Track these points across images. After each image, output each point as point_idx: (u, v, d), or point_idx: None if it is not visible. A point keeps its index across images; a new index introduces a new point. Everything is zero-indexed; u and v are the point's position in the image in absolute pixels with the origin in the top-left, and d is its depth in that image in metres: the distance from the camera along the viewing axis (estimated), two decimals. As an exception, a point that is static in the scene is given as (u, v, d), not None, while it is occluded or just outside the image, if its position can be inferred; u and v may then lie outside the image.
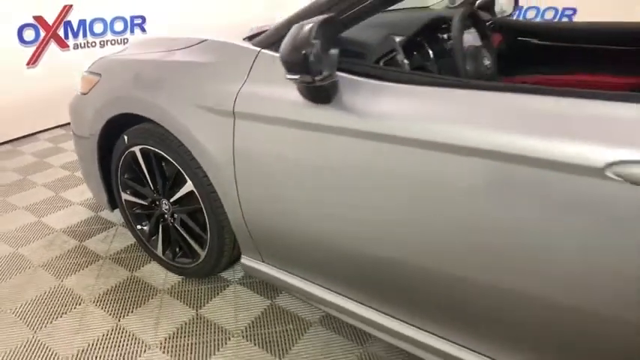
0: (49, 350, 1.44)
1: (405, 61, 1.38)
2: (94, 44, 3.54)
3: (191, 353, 1.44)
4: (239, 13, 4.41)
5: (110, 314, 1.59)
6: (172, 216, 1.67)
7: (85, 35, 3.47)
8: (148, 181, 1.67)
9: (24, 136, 3.35)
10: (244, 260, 1.52)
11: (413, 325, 1.20)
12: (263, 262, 1.48)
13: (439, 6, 2.39)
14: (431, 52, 1.50)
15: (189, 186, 1.51)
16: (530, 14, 4.54)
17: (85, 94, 1.77)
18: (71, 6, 3.32)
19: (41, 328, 1.53)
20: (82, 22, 3.42)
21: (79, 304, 1.64)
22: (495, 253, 0.95)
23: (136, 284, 1.75)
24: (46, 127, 3.49)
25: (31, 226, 2.15)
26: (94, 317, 1.58)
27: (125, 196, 1.79)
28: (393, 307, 1.23)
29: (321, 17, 0.98)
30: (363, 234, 1.15)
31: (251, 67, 1.25)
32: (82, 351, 1.44)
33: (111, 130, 1.69)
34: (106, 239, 2.04)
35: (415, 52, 1.45)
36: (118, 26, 3.65)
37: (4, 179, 2.66)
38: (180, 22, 4.01)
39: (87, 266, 1.86)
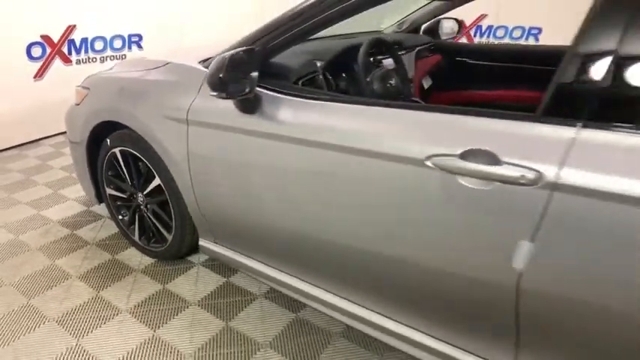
0: (40, 313, 1.77)
1: (330, 79, 1.71)
2: (94, 60, 3.93)
3: (156, 317, 1.75)
4: (226, 32, 4.78)
5: (92, 287, 1.92)
6: (146, 206, 2.01)
7: (86, 52, 3.87)
8: (126, 177, 2.01)
9: (29, 142, 3.73)
10: (201, 242, 1.85)
11: (337, 295, 1.49)
12: (215, 243, 1.80)
13: (390, 30, 2.73)
14: (344, 74, 1.82)
15: (157, 181, 1.85)
16: (500, 33, 4.88)
17: (77, 104, 2.13)
18: (75, 26, 3.72)
19: (34, 296, 1.86)
20: (84, 40, 3.82)
21: (67, 279, 1.97)
22: (375, 227, 1.26)
23: (116, 265, 2.08)
24: (49, 134, 3.87)
25: (31, 218, 2.49)
26: (79, 289, 1.91)
27: (109, 191, 2.13)
28: (319, 278, 1.53)
29: (240, 49, 1.31)
30: (282, 215, 1.47)
31: (201, 85, 1.58)
32: (67, 313, 1.76)
33: (97, 136, 2.04)
34: (94, 229, 2.38)
35: (338, 73, 1.78)
36: (117, 43, 4.04)
37: (10, 179, 3.02)
38: (174, 39, 4.40)
39: (76, 250, 2.19)
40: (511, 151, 0.99)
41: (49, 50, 3.61)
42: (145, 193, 1.96)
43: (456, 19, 2.68)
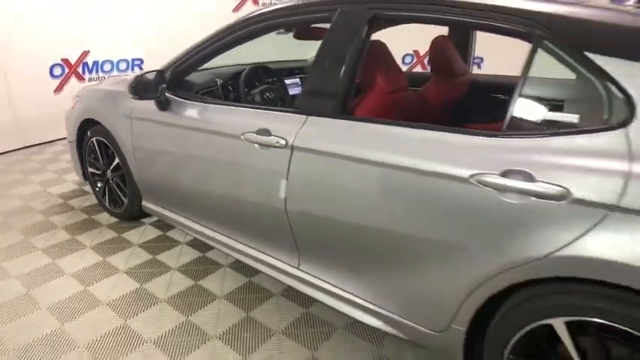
0: (31, 245, 2.59)
1: (228, 89, 2.51)
2: (103, 79, 4.89)
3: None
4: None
5: (69, 233, 2.73)
6: (112, 179, 2.83)
7: (97, 72, 4.84)
8: (99, 159, 2.84)
9: (48, 142, 4.68)
10: (143, 203, 2.64)
11: (230, 237, 2.20)
12: (152, 203, 2.59)
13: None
14: (232, 88, 2.60)
15: (117, 160, 2.66)
16: None
17: (72, 108, 3.00)
18: (89, 51, 4.70)
19: (31, 236, 2.69)
20: (95, 63, 4.79)
21: (54, 229, 2.80)
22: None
23: (90, 221, 2.90)
24: (63, 136, 4.80)
25: (39, 192, 3.37)
26: (61, 234, 2.73)
27: (90, 169, 2.97)
28: (223, 226, 2.24)
29: (152, 70, 2.13)
30: (186, 179, 2.24)
31: (140, 94, 2.41)
32: (53, 245, 2.57)
33: (84, 131, 2.89)
34: (82, 199, 3.23)
35: (231, 87, 2.57)
36: (122, 66, 5.01)
37: (29, 167, 3.95)
38: (170, 63, 5.32)
39: (64, 212, 3.03)
40: (277, 130, 1.73)
41: (67, 70, 4.60)
42: (110, 169, 2.79)
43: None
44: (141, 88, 2.12)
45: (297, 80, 2.97)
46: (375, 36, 1.77)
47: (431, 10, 1.52)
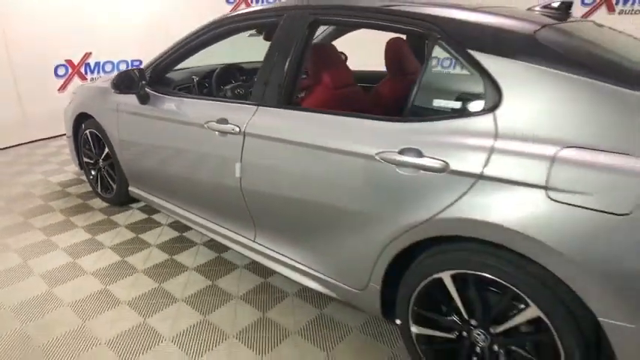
0: (31, 226, 2.89)
1: (206, 85, 2.78)
2: (105, 78, 5.22)
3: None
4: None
5: (64, 215, 3.03)
6: (103, 168, 3.12)
7: (98, 72, 5.17)
8: (92, 149, 3.14)
9: (53, 137, 5.01)
10: (130, 188, 2.92)
11: (210, 220, 2.47)
12: (137, 188, 2.87)
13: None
14: (207, 84, 2.89)
15: (106, 150, 2.96)
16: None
17: (70, 103, 3.31)
18: (91, 53, 5.03)
19: (30, 217, 2.99)
20: (97, 64, 5.12)
21: (52, 211, 3.10)
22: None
23: (84, 205, 3.20)
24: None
25: (40, 180, 3.69)
26: (56, 216, 3.02)
27: (85, 159, 3.27)
28: (195, 207, 2.52)
29: (132, 68, 2.41)
30: (167, 166, 2.52)
31: (126, 89, 2.70)
32: (50, 226, 2.87)
33: (79, 126, 3.19)
34: (79, 187, 3.53)
35: (206, 84, 2.84)
36: (122, 66, 5.33)
37: (34, 159, 4.27)
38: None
39: (62, 198, 3.33)
40: (233, 119, 1.99)
41: (70, 70, 4.93)
42: (102, 158, 3.08)
43: (342, 52, 3.68)
44: (122, 83, 2.42)
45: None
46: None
47: (357, 16, 1.78)
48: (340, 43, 2.80)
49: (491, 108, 1.36)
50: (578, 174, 1.18)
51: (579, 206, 1.16)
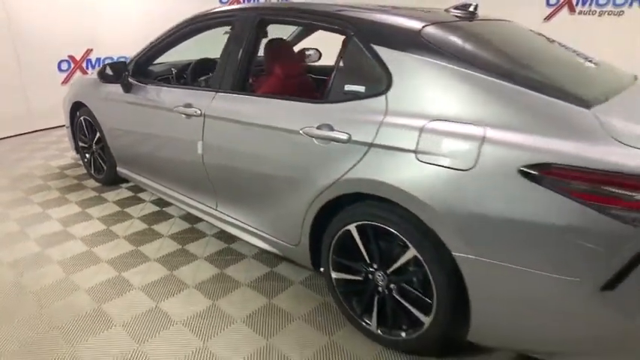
0: (31, 201, 3.27)
1: (184, 77, 3.13)
2: (105, 73, 5.60)
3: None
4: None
5: (60, 193, 3.41)
6: (95, 150, 3.49)
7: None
8: (86, 134, 3.51)
9: (55, 127, 5.41)
10: (118, 168, 3.29)
11: (183, 194, 2.84)
12: (124, 168, 3.23)
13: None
14: (184, 76, 3.22)
15: (98, 134, 3.33)
16: None
17: (67, 94, 3.69)
18: (92, 49, 5.42)
19: (31, 193, 3.37)
20: (98, 59, 5.51)
21: (49, 190, 3.47)
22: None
23: (79, 185, 3.57)
24: (71, 123, 5.55)
25: (41, 164, 4.08)
26: (52, 193, 3.40)
27: (80, 143, 3.65)
28: (170, 182, 2.89)
29: (115, 61, 2.78)
30: (146, 147, 2.88)
31: (113, 80, 3.06)
32: (47, 201, 3.25)
33: (75, 113, 3.57)
34: (75, 170, 3.91)
35: (183, 75, 3.19)
36: (121, 62, 5.71)
37: (38, 146, 4.67)
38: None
39: (60, 179, 3.71)
40: (196, 103, 2.34)
41: (73, 65, 5.33)
42: (94, 142, 3.45)
43: (317, 49, 4.01)
44: (106, 74, 2.78)
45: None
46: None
47: (292, 15, 2.13)
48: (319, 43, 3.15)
49: (384, 91, 1.69)
50: (437, 140, 1.51)
51: (438, 165, 1.49)
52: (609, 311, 1.29)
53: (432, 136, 1.52)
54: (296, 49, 3.20)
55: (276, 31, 2.57)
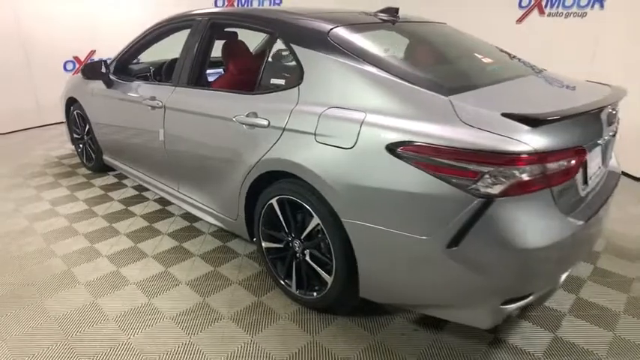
0: (28, 185, 3.66)
1: (160, 75, 3.48)
2: (108, 72, 6.03)
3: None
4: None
5: (54, 178, 3.79)
6: (87, 142, 3.86)
7: (102, 67, 5.97)
8: (78, 126, 3.89)
9: (61, 122, 5.82)
10: (104, 157, 3.66)
11: (153, 178, 3.21)
12: (108, 156, 3.59)
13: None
14: (160, 74, 3.55)
15: (88, 126, 3.70)
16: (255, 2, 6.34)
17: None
18: (95, 50, 5.85)
19: (29, 179, 3.77)
20: (111, 59, 5.92)
21: (44, 175, 3.86)
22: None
23: (72, 172, 3.96)
24: (76, 119, 5.98)
25: (41, 155, 4.49)
26: (46, 178, 3.78)
27: (74, 135, 4.03)
28: (143, 167, 3.24)
29: (97, 59, 3.13)
30: (122, 136, 3.23)
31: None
32: (42, 186, 3.63)
33: (69, 112, 3.96)
34: (72, 159, 4.31)
35: (159, 73, 3.53)
36: (123, 62, 6.12)
37: (41, 139, 5.11)
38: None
39: (56, 167, 4.11)
40: (159, 96, 2.66)
41: (77, 65, 5.76)
42: (85, 133, 3.83)
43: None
44: (89, 71, 3.15)
45: (220, 70, 3.88)
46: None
47: (233, 19, 2.47)
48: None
49: (297, 83, 1.98)
50: (330, 124, 1.78)
51: (330, 145, 1.76)
52: (457, 265, 1.54)
53: (326, 120, 1.80)
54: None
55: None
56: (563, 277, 1.72)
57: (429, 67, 1.99)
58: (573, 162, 1.56)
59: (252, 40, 3.29)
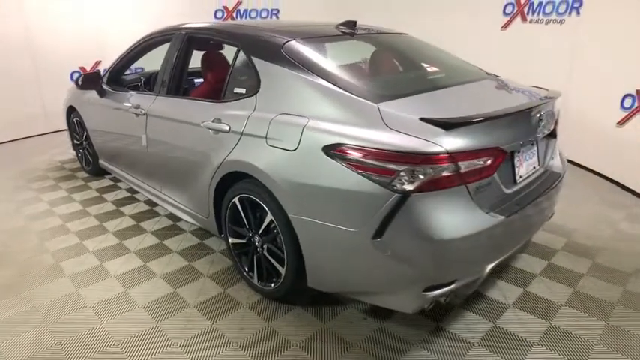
0: (30, 188, 3.93)
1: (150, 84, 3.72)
2: (112, 82, 6.35)
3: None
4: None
5: (55, 182, 4.06)
6: (86, 147, 4.13)
7: (107, 77, 6.29)
8: (78, 133, 4.16)
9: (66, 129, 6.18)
10: (100, 161, 3.91)
11: (140, 180, 3.45)
12: (104, 161, 3.85)
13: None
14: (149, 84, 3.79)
15: (86, 132, 3.96)
16: (253, 14, 6.79)
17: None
18: (100, 61, 6.17)
19: (32, 182, 4.05)
20: (105, 70, 6.24)
21: (47, 179, 4.14)
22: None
23: (72, 176, 4.22)
24: (83, 126, 6.31)
25: (46, 160, 4.79)
26: (50, 183, 4.06)
27: (75, 141, 4.31)
28: (132, 171, 3.48)
29: (90, 72, 3.39)
30: (113, 141, 3.47)
31: (94, 88, 3.69)
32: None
33: (70, 120, 4.24)
34: (74, 164, 4.58)
35: (149, 83, 3.77)
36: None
37: (50, 144, 5.42)
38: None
39: (58, 171, 4.39)
40: (142, 105, 2.90)
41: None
42: (84, 139, 4.09)
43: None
44: (83, 82, 3.43)
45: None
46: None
47: (205, 33, 2.69)
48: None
49: (255, 92, 2.18)
50: (278, 129, 1.97)
51: (278, 147, 1.95)
52: (382, 255, 1.71)
53: (276, 125, 1.99)
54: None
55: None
56: (489, 267, 1.87)
57: (371, 77, 2.18)
58: (489, 162, 1.72)
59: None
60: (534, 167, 2.13)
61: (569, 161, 4.51)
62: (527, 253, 2.77)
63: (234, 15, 6.84)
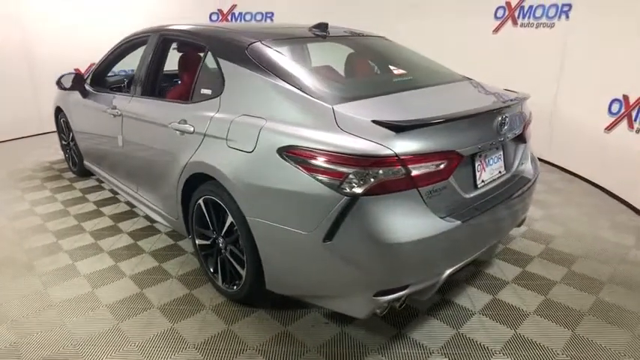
0: (15, 188, 3.97)
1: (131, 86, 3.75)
2: (108, 83, 6.40)
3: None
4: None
5: (41, 182, 4.09)
6: (72, 148, 4.16)
7: (102, 78, 6.35)
8: (63, 129, 4.20)
9: (64, 130, 6.24)
10: (85, 162, 3.93)
11: (118, 180, 3.46)
12: (87, 161, 3.87)
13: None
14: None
15: (72, 133, 3.99)
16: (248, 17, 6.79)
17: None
18: (94, 63, 6.21)
19: (19, 182, 4.08)
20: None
21: (34, 179, 4.17)
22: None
23: (58, 176, 4.25)
24: (78, 127, 6.36)
25: (36, 160, 4.83)
26: (36, 183, 4.09)
27: (62, 142, 4.34)
28: (110, 171, 3.50)
29: (71, 72, 3.42)
30: (94, 142, 3.49)
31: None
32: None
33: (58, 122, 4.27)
34: (62, 165, 4.62)
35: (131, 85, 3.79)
36: (122, 74, 6.49)
37: (42, 145, 5.47)
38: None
39: (46, 171, 4.42)
40: (118, 105, 2.91)
41: (79, 77, 6.14)
42: (70, 140, 4.12)
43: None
44: (64, 82, 3.45)
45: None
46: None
47: (176, 34, 2.72)
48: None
49: (220, 94, 2.17)
50: (237, 130, 1.97)
51: (236, 149, 1.94)
52: (332, 258, 1.69)
53: (235, 127, 1.98)
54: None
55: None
56: (447, 272, 1.84)
57: (333, 79, 2.16)
58: (442, 165, 1.69)
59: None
60: (500, 172, 2.09)
61: (560, 168, 4.45)
62: (501, 259, 2.73)
63: (228, 18, 6.87)
